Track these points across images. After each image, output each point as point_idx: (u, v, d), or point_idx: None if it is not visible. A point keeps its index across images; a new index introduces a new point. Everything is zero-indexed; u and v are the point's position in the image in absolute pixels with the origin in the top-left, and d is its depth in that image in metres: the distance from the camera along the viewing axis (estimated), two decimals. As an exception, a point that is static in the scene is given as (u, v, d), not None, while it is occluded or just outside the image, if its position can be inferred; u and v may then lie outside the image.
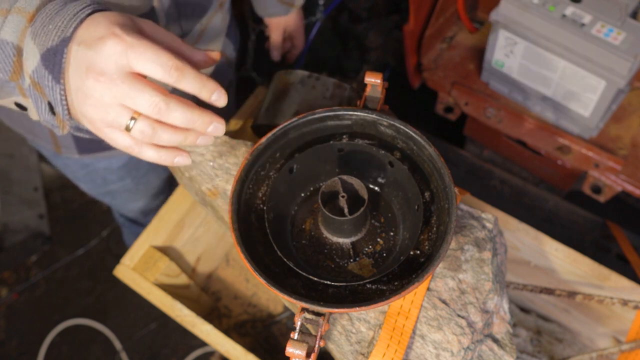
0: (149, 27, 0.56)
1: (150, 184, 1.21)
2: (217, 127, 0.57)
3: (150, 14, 0.78)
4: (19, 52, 0.55)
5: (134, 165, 1.11)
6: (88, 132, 0.60)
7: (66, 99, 0.55)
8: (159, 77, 0.52)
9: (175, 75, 0.52)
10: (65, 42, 0.52)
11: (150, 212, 1.33)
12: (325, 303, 0.60)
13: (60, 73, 0.53)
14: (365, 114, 0.70)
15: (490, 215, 0.76)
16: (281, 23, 1.22)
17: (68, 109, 0.56)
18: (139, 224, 1.44)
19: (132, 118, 0.54)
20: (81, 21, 0.53)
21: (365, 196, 0.65)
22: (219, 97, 0.56)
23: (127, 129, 0.54)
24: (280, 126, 0.69)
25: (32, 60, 0.54)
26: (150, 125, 0.54)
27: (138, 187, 1.19)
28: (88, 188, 1.19)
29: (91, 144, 0.99)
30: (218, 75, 1.04)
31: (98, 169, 1.09)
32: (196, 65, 0.59)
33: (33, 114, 0.60)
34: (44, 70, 0.53)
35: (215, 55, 0.60)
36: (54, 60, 0.53)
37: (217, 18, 0.95)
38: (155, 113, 0.53)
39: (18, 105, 0.61)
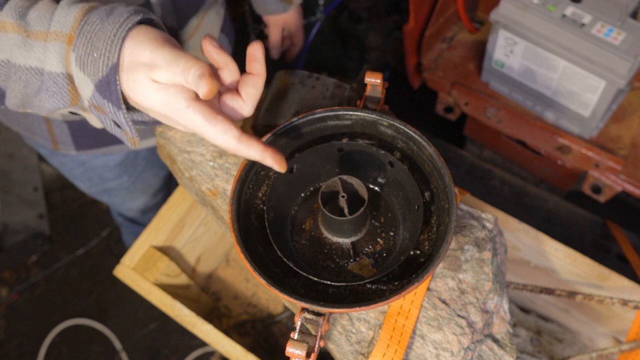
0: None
1: (148, 182, 1.21)
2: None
3: (146, 7, 0.78)
4: (70, 79, 0.56)
5: (131, 162, 1.11)
6: (144, 123, 0.62)
7: (131, 120, 0.57)
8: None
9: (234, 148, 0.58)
10: (114, 69, 0.53)
11: (148, 211, 1.33)
12: (325, 303, 0.60)
13: (119, 100, 0.54)
14: (365, 114, 0.70)
15: (490, 215, 0.76)
16: (280, 21, 1.22)
17: (135, 128, 0.58)
18: (138, 223, 1.43)
19: None
20: (123, 39, 0.53)
21: (365, 196, 0.65)
22: (275, 165, 0.61)
23: None
24: (280, 126, 0.69)
25: (86, 89, 0.55)
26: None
27: (135, 185, 1.19)
28: (85, 186, 1.18)
29: (89, 140, 0.98)
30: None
31: (95, 166, 1.09)
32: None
33: (96, 122, 0.61)
34: (102, 99, 0.55)
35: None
36: (109, 89, 0.54)
37: (213, 12, 0.95)
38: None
39: (72, 112, 0.62)
